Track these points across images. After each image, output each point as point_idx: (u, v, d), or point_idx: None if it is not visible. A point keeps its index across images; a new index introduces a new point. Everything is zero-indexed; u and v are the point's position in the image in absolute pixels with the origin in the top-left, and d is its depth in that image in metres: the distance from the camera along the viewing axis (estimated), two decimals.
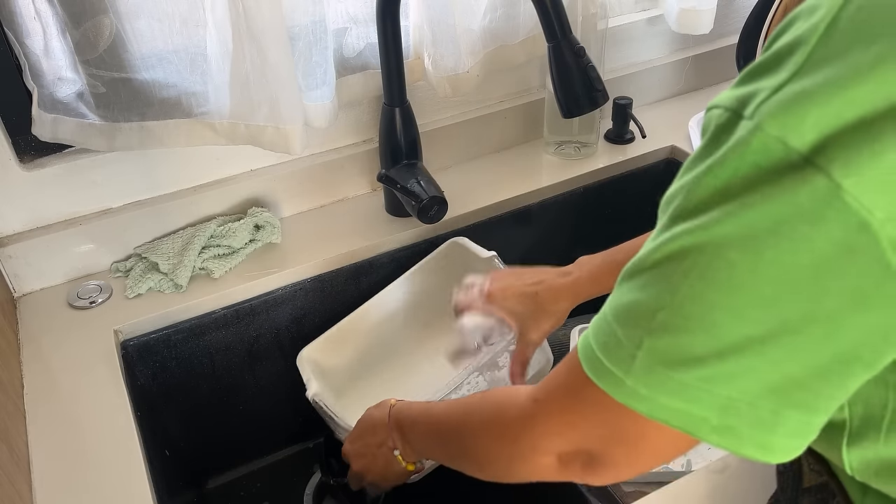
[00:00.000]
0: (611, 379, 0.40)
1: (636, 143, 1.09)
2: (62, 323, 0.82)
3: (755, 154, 0.34)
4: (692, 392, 0.37)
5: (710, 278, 0.36)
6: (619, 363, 0.40)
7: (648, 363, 0.38)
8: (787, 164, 0.33)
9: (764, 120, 0.34)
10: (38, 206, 0.84)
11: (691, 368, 0.37)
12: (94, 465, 0.66)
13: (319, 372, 0.90)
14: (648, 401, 0.39)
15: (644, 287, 0.39)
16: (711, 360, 0.36)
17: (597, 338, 0.42)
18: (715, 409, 0.37)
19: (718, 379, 0.37)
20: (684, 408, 0.38)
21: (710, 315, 0.36)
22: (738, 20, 1.20)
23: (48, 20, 0.74)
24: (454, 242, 0.93)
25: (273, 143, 0.83)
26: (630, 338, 0.39)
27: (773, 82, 0.34)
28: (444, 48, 0.91)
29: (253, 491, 0.99)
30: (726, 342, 0.36)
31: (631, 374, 0.39)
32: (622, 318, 0.40)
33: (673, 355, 0.37)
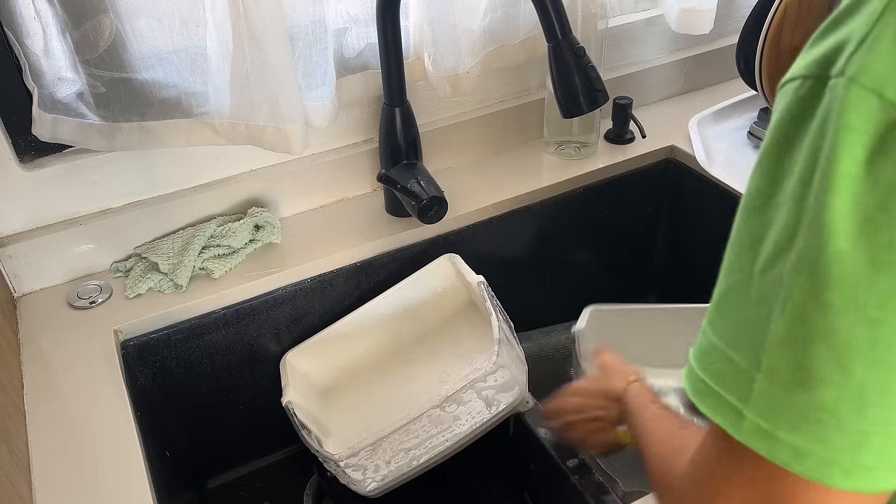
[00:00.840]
0: (729, 413, 0.35)
1: (636, 143, 1.09)
2: (62, 323, 0.82)
3: (853, 115, 0.29)
4: (817, 426, 0.32)
5: (823, 273, 0.31)
6: (737, 391, 0.34)
7: (767, 388, 0.33)
8: (887, 123, 0.29)
9: (858, 72, 0.29)
10: (38, 206, 0.84)
11: (813, 390, 0.32)
12: (94, 465, 0.66)
13: (301, 378, 0.90)
14: (768, 437, 0.33)
15: (758, 295, 0.34)
16: (834, 377, 0.31)
17: (707, 367, 0.36)
18: (845, 448, 0.32)
19: (845, 405, 0.32)
20: (808, 446, 0.32)
21: (826, 317, 0.31)
22: (738, 20, 1.20)
23: (48, 20, 0.74)
24: (447, 259, 0.93)
25: (273, 143, 0.83)
26: (748, 359, 0.34)
27: (857, 31, 0.30)
28: (444, 48, 0.91)
29: (253, 491, 0.99)
30: (848, 349, 0.31)
31: (750, 403, 0.34)
32: (736, 339, 0.35)
33: (792, 374, 0.32)
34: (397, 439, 0.77)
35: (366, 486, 0.78)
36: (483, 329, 0.91)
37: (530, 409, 0.83)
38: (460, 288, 0.95)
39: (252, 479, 1.00)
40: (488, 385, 0.78)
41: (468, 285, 0.91)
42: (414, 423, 0.76)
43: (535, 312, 1.07)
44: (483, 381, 0.78)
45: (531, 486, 0.88)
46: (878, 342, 0.30)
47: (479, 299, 0.88)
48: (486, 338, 0.89)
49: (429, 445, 0.78)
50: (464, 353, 0.92)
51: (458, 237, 0.98)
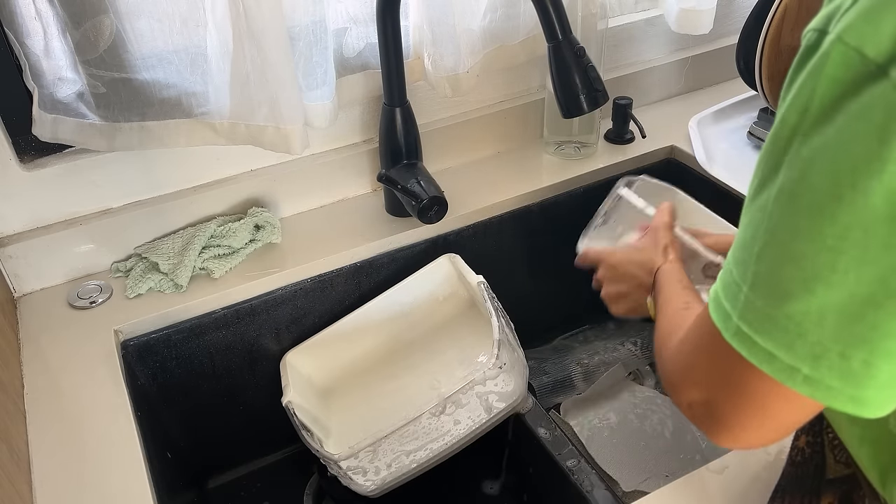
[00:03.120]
0: (723, 316, 0.40)
1: (636, 143, 1.09)
2: (62, 323, 0.82)
3: (835, 67, 0.33)
4: (785, 335, 0.37)
5: (795, 205, 0.35)
6: (730, 299, 0.40)
7: (750, 298, 0.38)
8: (864, 76, 0.32)
9: (843, 30, 0.33)
10: (38, 206, 0.84)
11: (782, 302, 0.36)
12: (94, 465, 0.66)
13: (301, 378, 0.90)
14: (748, 341, 0.38)
15: (750, 218, 0.39)
16: (800, 293, 0.36)
17: (720, 278, 0.42)
18: (807, 358, 0.36)
19: (808, 318, 0.36)
20: (776, 352, 0.37)
21: (796, 242, 0.35)
22: (738, 20, 1.20)
23: (48, 20, 0.74)
24: (447, 259, 0.94)
25: (273, 143, 0.83)
26: (740, 273, 0.39)
27: None
28: (444, 48, 0.91)
29: (253, 491, 0.99)
30: (811, 272, 0.35)
31: (737, 310, 0.39)
32: (735, 255, 0.40)
33: (768, 287, 0.37)
34: (397, 439, 0.77)
35: (366, 486, 0.78)
36: (483, 329, 0.91)
37: (530, 409, 0.83)
38: (460, 288, 0.95)
39: (252, 479, 1.00)
40: (488, 385, 0.78)
41: (468, 285, 0.91)
42: (414, 423, 0.76)
43: (535, 312, 1.07)
44: (483, 382, 0.77)
45: (531, 486, 0.88)
46: (835, 268, 0.35)
47: (479, 299, 0.88)
48: (486, 338, 0.89)
49: (429, 446, 0.78)
50: (464, 353, 0.92)
51: (458, 237, 0.98)
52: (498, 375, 0.78)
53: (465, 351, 0.92)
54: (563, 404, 1.01)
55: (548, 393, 1.04)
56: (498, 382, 0.79)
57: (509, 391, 0.79)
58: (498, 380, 0.79)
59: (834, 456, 0.53)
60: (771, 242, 0.37)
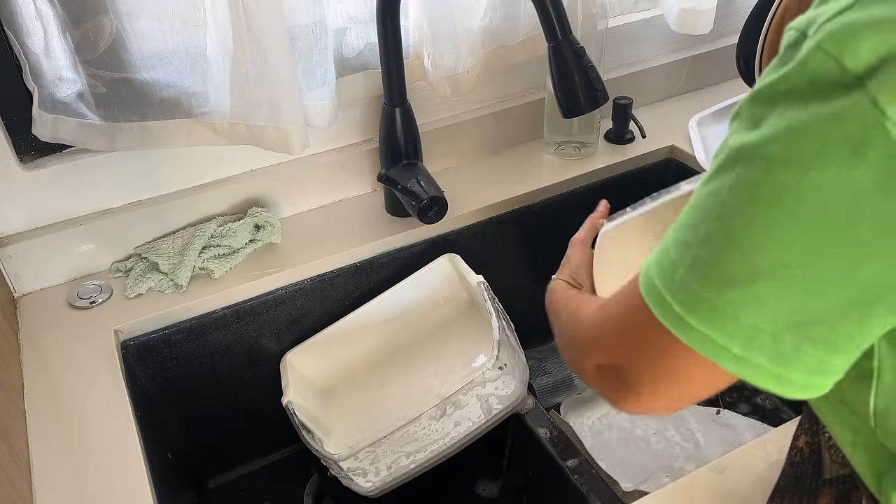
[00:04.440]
0: (654, 294, 0.40)
1: (636, 143, 1.09)
2: (62, 323, 0.82)
3: (812, 72, 0.34)
4: (719, 318, 0.37)
5: (754, 194, 0.36)
6: (663, 279, 0.40)
7: (686, 280, 0.38)
8: (840, 84, 0.33)
9: (823, 38, 0.34)
10: (38, 206, 0.84)
11: (723, 289, 0.37)
12: (94, 465, 0.66)
13: (301, 378, 0.90)
14: (678, 320, 0.39)
15: (697, 202, 0.39)
16: (743, 281, 0.36)
17: (654, 255, 0.42)
18: (739, 339, 0.37)
19: (746, 304, 0.36)
20: (709, 333, 0.38)
21: (748, 233, 0.36)
22: (738, 20, 1.20)
23: (49, 20, 0.74)
24: (447, 259, 0.93)
25: (273, 143, 0.83)
26: (679, 254, 0.39)
27: (838, 5, 0.34)
28: (444, 48, 0.91)
29: (253, 491, 0.99)
30: (759, 264, 0.36)
31: (670, 291, 0.39)
32: (676, 235, 0.40)
33: (708, 273, 0.38)
34: (397, 439, 0.77)
35: (366, 486, 0.78)
36: (483, 329, 0.91)
37: (530, 409, 0.83)
38: (460, 288, 0.95)
39: (252, 479, 1.00)
40: (487, 387, 0.78)
41: (468, 285, 0.91)
42: (413, 423, 0.76)
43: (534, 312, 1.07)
44: (482, 382, 0.77)
45: (531, 486, 0.88)
46: (787, 263, 0.35)
47: (479, 299, 0.88)
48: (485, 338, 0.89)
49: (429, 447, 0.78)
50: (464, 354, 0.92)
51: (458, 237, 0.98)
52: (498, 377, 0.78)
53: (465, 351, 0.92)
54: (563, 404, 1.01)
55: (548, 393, 1.04)
56: (498, 384, 0.79)
57: (509, 392, 0.79)
58: (498, 381, 0.79)
59: (830, 456, 0.53)
60: (720, 229, 0.37)
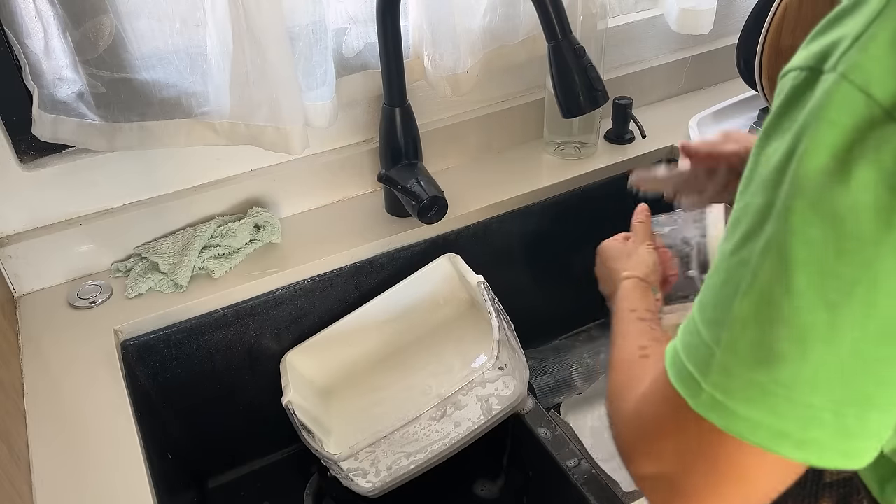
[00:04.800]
0: (689, 383, 0.36)
1: (636, 143, 1.09)
2: (62, 323, 0.82)
3: (837, 109, 0.30)
4: (772, 401, 0.33)
5: (788, 260, 0.32)
6: (698, 363, 0.36)
7: (726, 363, 0.35)
8: (869, 120, 0.30)
9: (848, 69, 0.30)
10: (38, 206, 0.84)
11: (772, 367, 0.33)
12: (94, 465, 0.66)
13: (301, 378, 0.90)
14: (724, 410, 0.35)
15: (724, 275, 0.36)
16: (792, 355, 0.33)
17: (683, 338, 0.38)
18: (797, 422, 0.33)
19: (799, 381, 0.33)
20: (763, 419, 0.34)
21: (789, 301, 0.32)
22: (738, 20, 1.20)
23: (49, 20, 0.74)
24: (447, 259, 0.93)
25: (273, 143, 0.83)
26: (711, 334, 0.35)
27: (854, 29, 0.31)
28: (444, 48, 0.91)
29: (253, 491, 0.99)
30: (806, 331, 0.32)
31: (709, 377, 0.35)
32: (704, 314, 0.37)
33: (752, 351, 0.34)
34: (397, 440, 0.77)
35: (366, 486, 0.78)
36: (483, 329, 0.91)
37: (530, 409, 0.83)
38: (460, 288, 0.95)
39: (252, 479, 1.00)
40: (488, 386, 0.78)
41: (468, 285, 0.91)
42: (413, 423, 0.76)
43: (534, 312, 1.07)
44: (482, 382, 0.77)
45: (531, 486, 0.88)
46: (835, 325, 0.32)
47: (479, 299, 0.88)
48: (485, 338, 0.89)
49: (429, 446, 0.78)
50: (463, 354, 0.92)
51: (458, 237, 0.98)
52: (498, 378, 0.78)
53: (465, 351, 0.92)
54: (563, 404, 1.01)
55: (548, 393, 1.04)
56: (498, 385, 0.79)
57: (509, 393, 0.79)
58: (498, 382, 0.79)
59: None
60: (758, 301, 0.34)
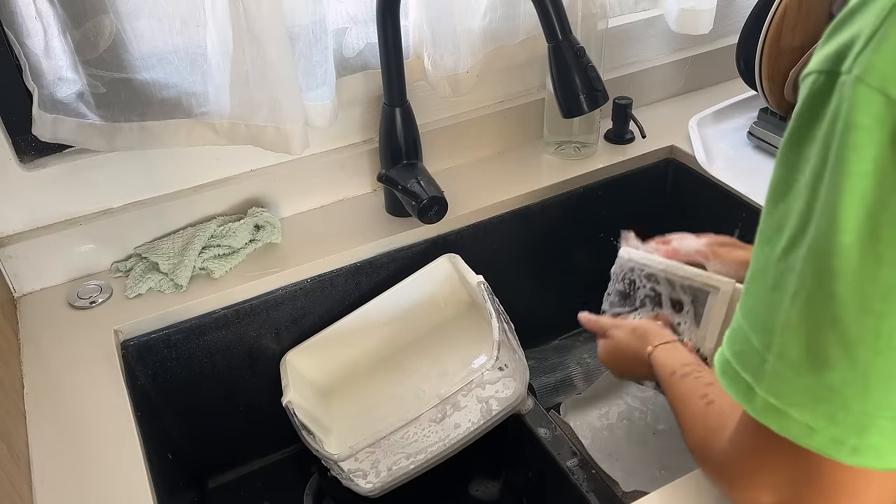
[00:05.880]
0: (744, 390, 0.36)
1: (636, 143, 1.09)
2: (62, 323, 0.82)
3: (860, 112, 0.30)
4: (826, 407, 0.33)
5: (828, 266, 0.32)
6: (751, 370, 0.36)
7: (778, 368, 0.35)
8: (893, 122, 0.29)
9: (864, 71, 0.30)
10: (38, 206, 0.84)
11: (822, 372, 0.33)
12: (94, 465, 0.66)
13: (301, 378, 0.90)
14: (778, 414, 0.35)
15: (771, 281, 0.36)
16: (840, 360, 0.33)
17: (732, 346, 0.38)
18: (853, 430, 0.33)
19: (850, 387, 0.33)
20: (818, 425, 0.34)
21: (833, 307, 0.32)
22: (738, 20, 1.20)
23: (49, 20, 0.74)
24: (447, 259, 0.93)
25: (273, 143, 0.83)
26: (762, 341, 0.36)
27: (866, 28, 0.31)
28: (444, 48, 0.91)
29: (253, 491, 0.99)
30: (853, 337, 0.32)
31: (762, 382, 0.35)
32: (754, 321, 0.37)
33: (802, 357, 0.34)
34: (397, 440, 0.77)
35: (366, 486, 0.78)
36: (483, 329, 0.91)
37: (530, 409, 0.83)
38: (460, 288, 0.95)
39: (252, 479, 1.00)
40: (488, 388, 0.78)
41: (468, 285, 0.91)
42: (413, 423, 0.76)
43: (534, 312, 1.07)
44: (482, 382, 0.77)
45: (531, 486, 0.88)
46: (881, 332, 0.32)
47: (478, 300, 0.88)
48: (485, 338, 0.89)
49: (428, 446, 0.78)
50: (463, 354, 0.92)
51: (458, 237, 0.98)
52: (499, 379, 0.78)
53: (465, 351, 0.92)
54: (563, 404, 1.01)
55: (548, 393, 1.04)
56: (498, 386, 0.79)
57: (509, 393, 0.79)
58: (498, 384, 0.79)
59: None
60: (804, 306, 0.33)
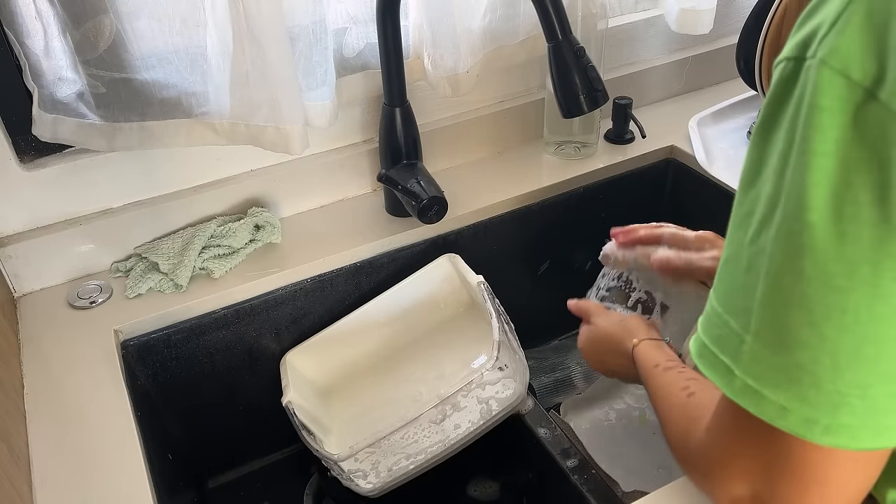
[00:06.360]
0: (723, 372, 0.37)
1: (636, 143, 1.09)
2: (62, 323, 0.82)
3: (822, 95, 0.31)
4: (797, 387, 0.34)
5: (794, 244, 0.33)
6: (730, 352, 0.37)
7: (755, 349, 0.35)
8: (853, 103, 0.30)
9: (826, 54, 0.31)
10: (38, 206, 0.84)
11: (792, 351, 0.34)
12: (94, 465, 0.66)
13: (301, 378, 0.90)
14: (755, 395, 0.35)
15: (746, 263, 0.36)
16: (809, 338, 0.33)
17: (709, 331, 0.38)
18: (825, 408, 0.34)
19: (820, 366, 0.33)
20: (791, 405, 0.34)
21: (800, 285, 0.33)
22: (738, 20, 1.20)
23: (49, 20, 0.74)
24: (447, 259, 0.93)
25: (273, 143, 0.83)
26: (739, 322, 0.36)
27: (830, 15, 0.31)
28: (444, 48, 0.91)
29: (253, 491, 0.99)
30: (819, 314, 0.33)
31: (740, 363, 0.36)
32: (730, 303, 0.37)
33: (775, 336, 0.34)
34: (397, 440, 0.77)
35: (366, 486, 0.78)
36: (483, 329, 0.91)
37: (530, 409, 0.83)
38: (460, 288, 0.95)
39: (252, 479, 1.00)
40: (487, 386, 0.78)
41: (468, 285, 0.91)
42: (413, 423, 0.76)
43: (534, 312, 1.07)
44: (482, 383, 0.77)
45: (531, 486, 0.88)
46: (847, 309, 0.32)
47: (479, 300, 0.88)
48: (485, 338, 0.89)
49: (428, 447, 0.78)
50: (463, 354, 0.92)
51: (458, 237, 0.98)
52: (499, 381, 0.78)
53: (465, 351, 0.92)
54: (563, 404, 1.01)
55: (548, 393, 1.04)
56: (498, 386, 0.79)
57: (509, 393, 0.79)
58: (498, 385, 0.79)
59: None
60: (774, 286, 0.34)
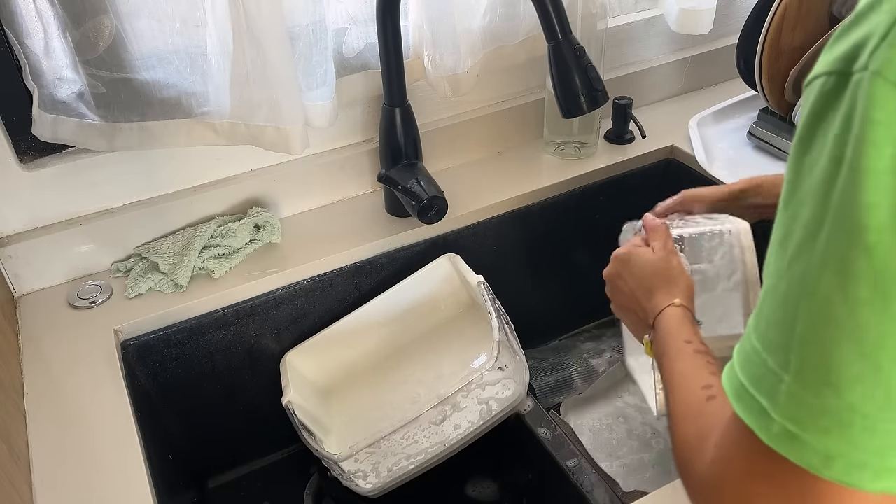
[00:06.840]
0: (760, 416, 0.34)
1: (636, 143, 1.09)
2: (62, 323, 0.82)
3: (879, 108, 0.29)
4: (848, 431, 0.31)
5: (848, 272, 0.30)
6: (767, 393, 0.33)
7: (795, 390, 0.32)
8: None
9: (882, 65, 0.29)
10: (38, 206, 0.84)
11: (841, 390, 0.31)
12: (94, 465, 0.66)
13: (301, 378, 0.90)
14: (796, 442, 0.32)
15: (782, 295, 0.33)
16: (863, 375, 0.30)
17: (746, 370, 0.35)
18: (877, 450, 0.31)
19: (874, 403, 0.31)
20: (838, 450, 0.31)
21: (854, 314, 0.30)
22: (738, 20, 1.20)
23: (49, 20, 0.74)
24: (447, 259, 0.93)
25: (273, 143, 0.83)
26: (777, 360, 0.33)
27: (880, 27, 0.29)
28: (444, 48, 0.91)
29: (253, 491, 0.99)
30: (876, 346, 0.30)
31: (778, 407, 0.33)
32: (766, 338, 0.34)
33: (819, 375, 0.31)
34: (397, 440, 0.77)
35: (366, 487, 0.78)
36: (483, 329, 0.91)
37: (530, 409, 0.83)
38: (460, 288, 0.95)
39: (252, 479, 1.00)
40: (487, 386, 0.79)
41: (468, 285, 0.91)
42: (413, 423, 0.76)
43: (534, 312, 1.07)
44: (482, 383, 0.78)
45: (531, 486, 0.88)
46: None
47: (479, 300, 0.88)
48: (485, 338, 0.89)
49: (428, 447, 0.78)
50: (463, 354, 0.92)
51: (458, 237, 0.98)
52: (499, 381, 0.78)
53: (465, 351, 0.92)
54: (563, 404, 1.01)
55: (548, 393, 1.04)
56: (497, 387, 0.79)
57: (509, 393, 0.79)
58: (498, 385, 0.79)
59: None
60: (819, 319, 0.31)
